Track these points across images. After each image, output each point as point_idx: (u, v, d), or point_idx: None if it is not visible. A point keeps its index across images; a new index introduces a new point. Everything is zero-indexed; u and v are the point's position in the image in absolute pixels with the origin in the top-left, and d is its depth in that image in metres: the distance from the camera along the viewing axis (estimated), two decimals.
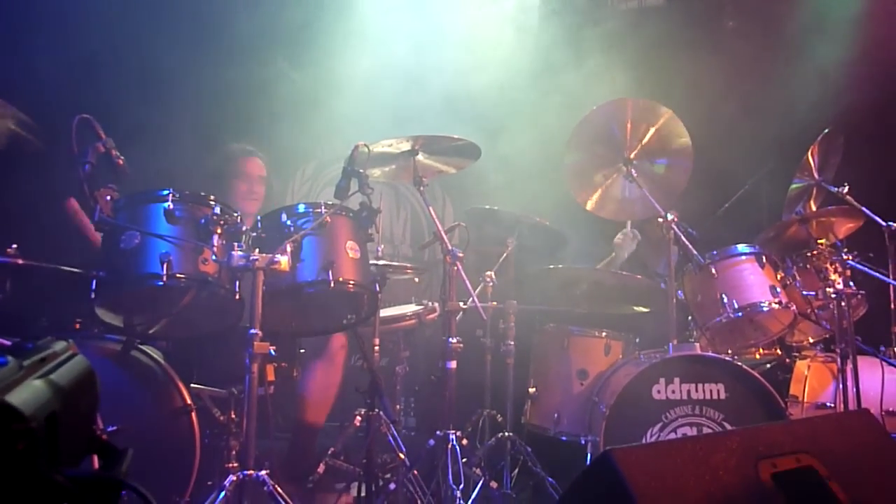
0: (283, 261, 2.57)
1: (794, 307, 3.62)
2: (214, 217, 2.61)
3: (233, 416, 2.93)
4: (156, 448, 2.72)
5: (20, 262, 2.89)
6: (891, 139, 4.73)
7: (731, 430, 3.12)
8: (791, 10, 4.98)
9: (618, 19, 5.45)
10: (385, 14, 4.80)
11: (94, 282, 2.52)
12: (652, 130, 3.81)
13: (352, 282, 2.78)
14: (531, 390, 3.96)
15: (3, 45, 3.98)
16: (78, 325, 3.08)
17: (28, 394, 0.74)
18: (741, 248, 3.72)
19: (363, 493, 2.99)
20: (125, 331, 2.79)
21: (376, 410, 3.12)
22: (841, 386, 3.52)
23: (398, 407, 4.17)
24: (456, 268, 3.07)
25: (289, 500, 2.50)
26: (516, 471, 3.79)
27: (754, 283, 3.59)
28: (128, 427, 2.49)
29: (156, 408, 2.85)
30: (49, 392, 0.77)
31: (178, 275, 2.50)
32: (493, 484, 3.45)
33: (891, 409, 3.65)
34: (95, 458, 0.94)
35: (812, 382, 3.86)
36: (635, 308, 4.21)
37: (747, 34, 5.33)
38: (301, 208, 2.85)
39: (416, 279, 4.51)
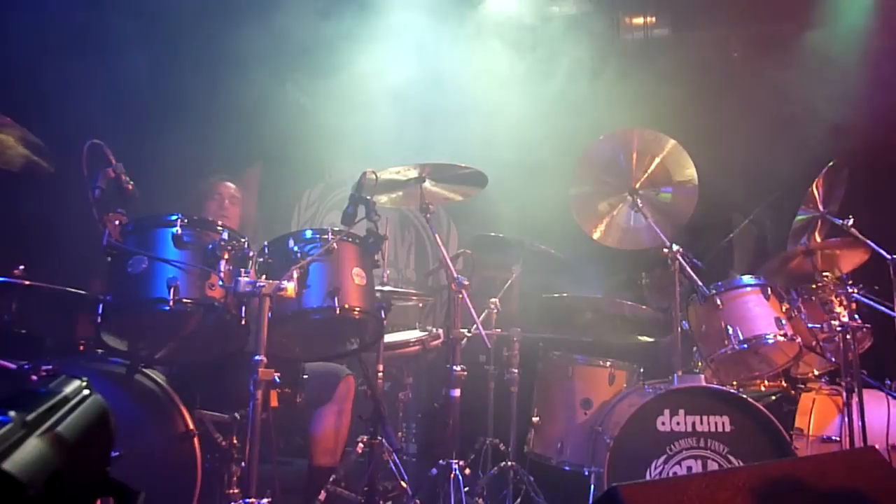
0: (290, 287, 2.57)
1: (799, 339, 3.61)
2: (222, 243, 2.61)
3: (234, 441, 2.91)
4: (157, 473, 2.71)
5: (26, 283, 2.91)
6: None
7: (736, 467, 3.09)
8: (797, 41, 5.02)
9: (625, 51, 5.50)
10: (393, 41, 4.85)
11: (101, 306, 2.52)
12: (657, 161, 3.83)
13: (357, 308, 2.77)
14: (534, 419, 3.93)
15: (16, 67, 4.02)
16: (82, 347, 3.08)
17: (28, 456, 0.72)
18: (746, 279, 3.72)
19: None
20: (129, 355, 2.79)
21: (379, 438, 3.11)
22: (846, 419, 3.50)
23: (400, 434, 4.14)
24: (461, 295, 3.07)
25: None
26: (518, 500, 3.76)
27: (759, 314, 3.59)
28: (129, 451, 2.47)
29: (158, 432, 2.82)
30: (52, 451, 0.75)
31: (184, 300, 2.50)
32: None
33: None
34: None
35: (817, 415, 3.82)
36: (640, 338, 4.20)
37: (753, 65, 5.37)
38: (308, 234, 2.85)
39: (420, 304, 4.51)
